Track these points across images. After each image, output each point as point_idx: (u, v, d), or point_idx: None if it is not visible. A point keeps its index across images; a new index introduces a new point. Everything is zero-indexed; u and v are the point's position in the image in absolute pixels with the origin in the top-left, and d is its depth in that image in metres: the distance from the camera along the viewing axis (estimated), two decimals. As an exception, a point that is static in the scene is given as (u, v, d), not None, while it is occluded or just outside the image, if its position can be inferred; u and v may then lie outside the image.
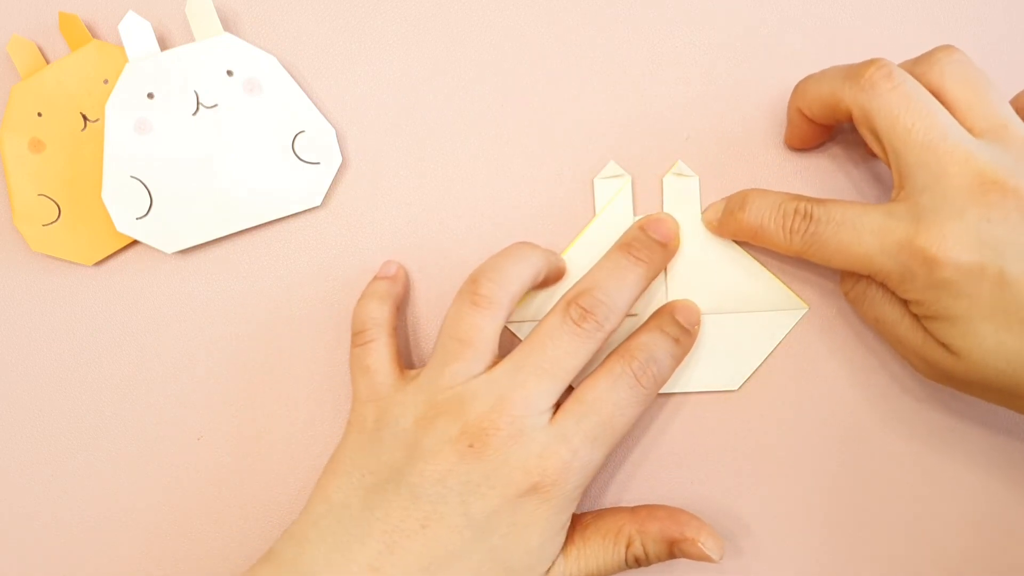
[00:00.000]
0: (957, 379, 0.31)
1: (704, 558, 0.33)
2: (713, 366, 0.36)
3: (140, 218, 0.36)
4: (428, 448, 0.31)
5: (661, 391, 0.35)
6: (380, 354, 0.34)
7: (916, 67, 0.32)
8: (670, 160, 0.37)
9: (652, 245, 0.34)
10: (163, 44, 0.37)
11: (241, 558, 0.37)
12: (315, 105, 0.37)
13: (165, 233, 0.36)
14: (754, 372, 0.36)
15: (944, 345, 0.31)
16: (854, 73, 0.32)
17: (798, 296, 0.36)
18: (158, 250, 0.37)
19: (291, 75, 0.37)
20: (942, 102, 0.31)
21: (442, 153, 0.37)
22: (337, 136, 0.37)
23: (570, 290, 0.33)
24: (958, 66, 0.31)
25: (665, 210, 0.37)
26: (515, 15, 0.37)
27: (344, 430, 0.34)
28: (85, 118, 0.37)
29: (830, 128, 0.35)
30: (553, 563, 0.32)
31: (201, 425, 0.37)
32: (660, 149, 0.37)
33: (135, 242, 0.37)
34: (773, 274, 0.36)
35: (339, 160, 0.37)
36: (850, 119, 0.32)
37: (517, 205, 0.37)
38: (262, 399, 0.37)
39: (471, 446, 0.31)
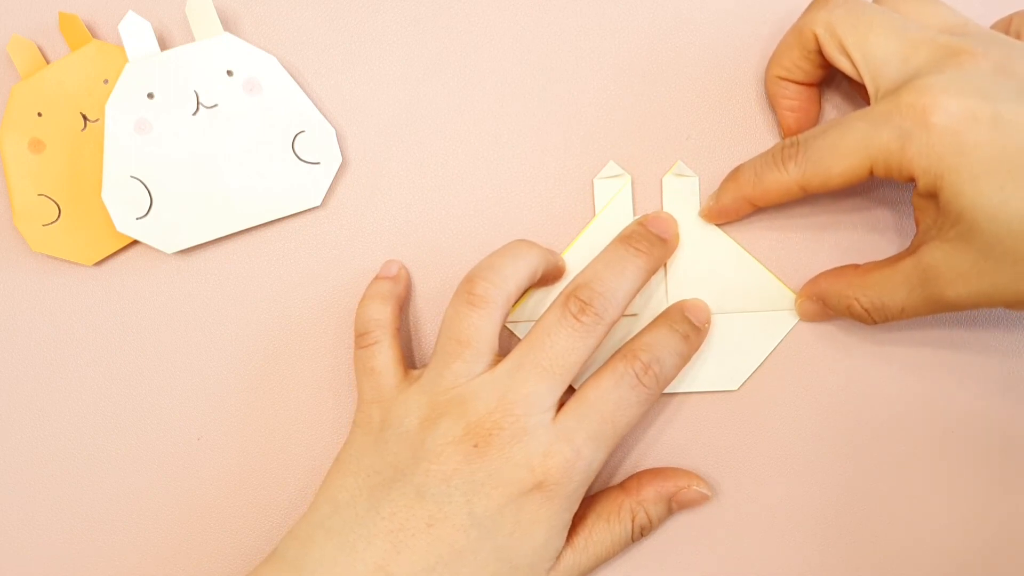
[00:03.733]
0: (984, 275, 0.29)
1: (700, 500, 0.35)
2: (713, 366, 0.36)
3: (140, 218, 0.36)
4: (432, 448, 0.31)
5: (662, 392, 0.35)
6: (384, 355, 0.34)
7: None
8: (670, 160, 0.37)
9: (651, 238, 0.34)
10: (163, 44, 0.37)
11: (241, 558, 0.37)
12: (315, 105, 0.37)
13: (165, 233, 0.36)
14: (754, 372, 0.36)
15: (956, 228, 0.29)
16: (811, 3, 0.33)
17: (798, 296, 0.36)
18: (158, 250, 0.37)
19: (291, 75, 0.37)
20: None
21: (442, 153, 0.37)
22: (337, 136, 0.37)
23: (569, 284, 0.33)
24: None
25: (665, 210, 0.37)
26: (515, 15, 0.37)
27: (349, 431, 0.34)
28: (85, 118, 0.37)
29: (813, 94, 0.35)
30: (560, 557, 0.32)
31: (201, 425, 0.37)
32: (660, 149, 0.37)
33: (135, 242, 0.37)
34: (774, 275, 0.36)
35: (339, 160, 0.37)
36: (820, 53, 0.32)
37: (517, 205, 0.37)
38: (262, 399, 0.37)
39: (475, 446, 0.31)
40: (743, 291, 0.36)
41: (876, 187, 0.37)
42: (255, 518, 0.37)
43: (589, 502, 0.34)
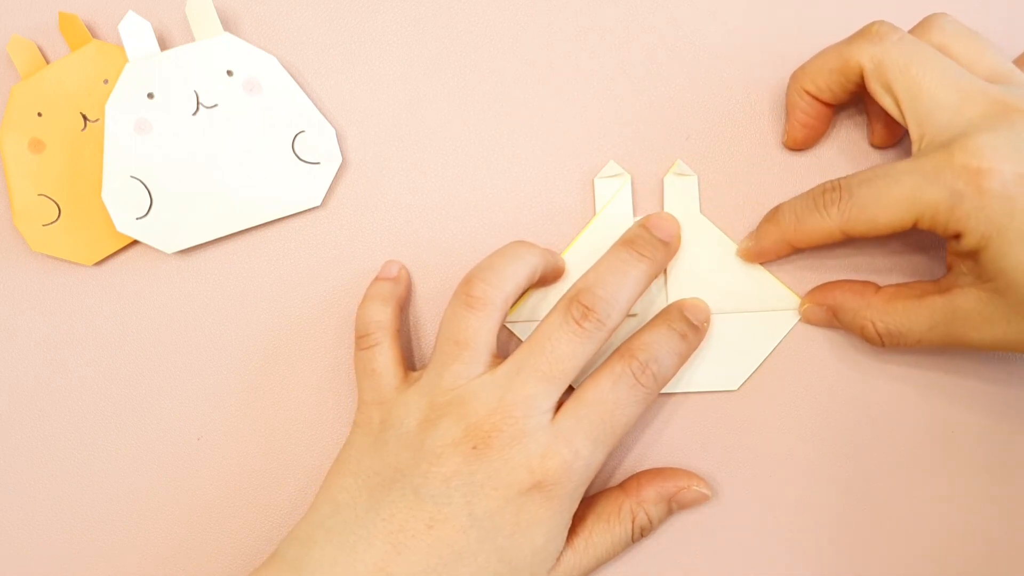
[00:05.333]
0: (1012, 327, 0.30)
1: (700, 500, 0.35)
2: (713, 366, 0.36)
3: (140, 218, 0.36)
4: (432, 450, 0.31)
5: (661, 391, 0.35)
6: (385, 357, 0.34)
7: (915, 32, 0.33)
8: (670, 160, 0.37)
9: (654, 242, 0.34)
10: (163, 44, 0.37)
11: (241, 558, 0.37)
12: (315, 105, 0.37)
13: (165, 233, 0.36)
14: (754, 372, 0.36)
15: (992, 284, 0.29)
16: (860, 32, 0.32)
17: (798, 296, 0.36)
18: (158, 250, 0.37)
19: (291, 75, 0.37)
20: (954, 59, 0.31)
21: (442, 153, 0.37)
22: (337, 136, 0.37)
23: (571, 288, 0.33)
24: (956, 27, 0.32)
25: (665, 209, 0.37)
26: (515, 15, 0.37)
27: (349, 431, 0.34)
28: (85, 118, 0.37)
29: (830, 115, 0.35)
30: (560, 558, 0.32)
31: (201, 425, 0.37)
32: (660, 149, 0.37)
33: (135, 242, 0.37)
34: (773, 274, 0.36)
35: (339, 160, 0.37)
36: (860, 83, 0.32)
37: (517, 205, 0.37)
38: (262, 399, 0.37)
39: (475, 447, 0.31)
40: (743, 291, 0.36)
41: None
42: (255, 518, 0.37)
43: (589, 503, 0.34)
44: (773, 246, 0.35)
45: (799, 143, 0.36)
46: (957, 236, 0.30)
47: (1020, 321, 0.30)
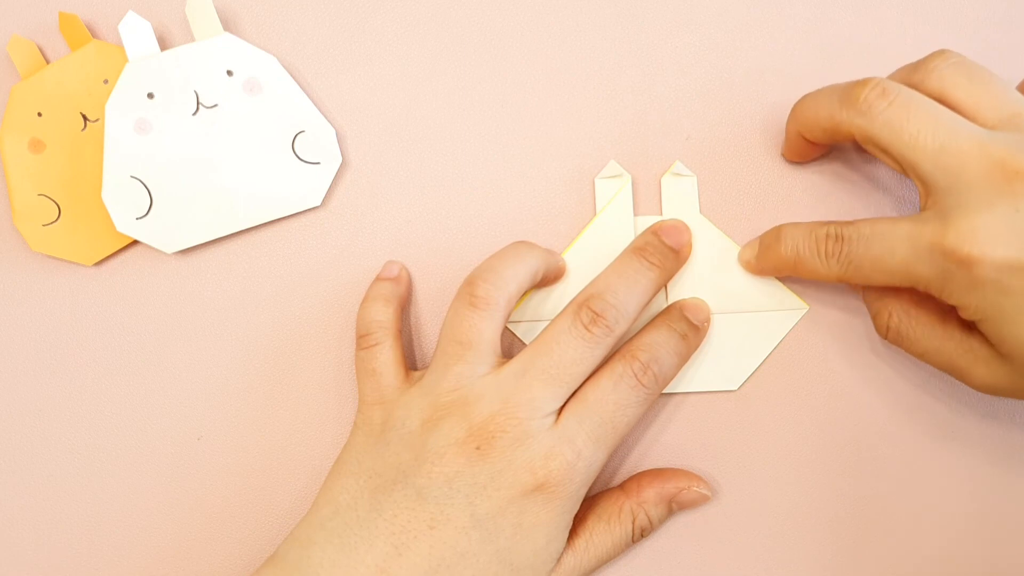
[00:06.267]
0: (1012, 385, 0.30)
1: (700, 500, 0.35)
2: (713, 366, 0.36)
3: (140, 218, 0.36)
4: (434, 450, 0.31)
5: (662, 391, 0.35)
6: (386, 357, 0.34)
7: (913, 75, 0.32)
8: (670, 160, 0.37)
9: (665, 251, 0.34)
10: (163, 44, 0.37)
11: (241, 559, 0.37)
12: (315, 105, 0.37)
13: (165, 233, 0.36)
14: (754, 372, 0.36)
15: (997, 349, 0.30)
16: (849, 97, 0.31)
17: (798, 296, 0.36)
18: (158, 250, 0.37)
19: (291, 75, 0.37)
20: (947, 106, 0.30)
21: (442, 153, 0.37)
22: (337, 136, 0.37)
23: (581, 293, 0.33)
24: (956, 68, 0.31)
25: (664, 210, 0.37)
26: (515, 15, 0.37)
27: (350, 432, 0.34)
28: (85, 118, 0.37)
29: (829, 146, 0.35)
30: (561, 559, 0.32)
31: (201, 425, 0.37)
32: (660, 149, 0.37)
33: (135, 242, 0.37)
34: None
35: (339, 160, 0.37)
36: (853, 141, 0.32)
37: (517, 205, 0.37)
38: (263, 399, 0.37)
39: (478, 448, 0.31)
40: (743, 291, 0.36)
41: (884, 194, 0.37)
42: (255, 519, 0.37)
43: (589, 504, 0.34)
44: (773, 270, 0.35)
45: (796, 162, 0.36)
46: (954, 307, 0.30)
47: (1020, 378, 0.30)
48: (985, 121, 0.30)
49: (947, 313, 0.32)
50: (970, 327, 0.31)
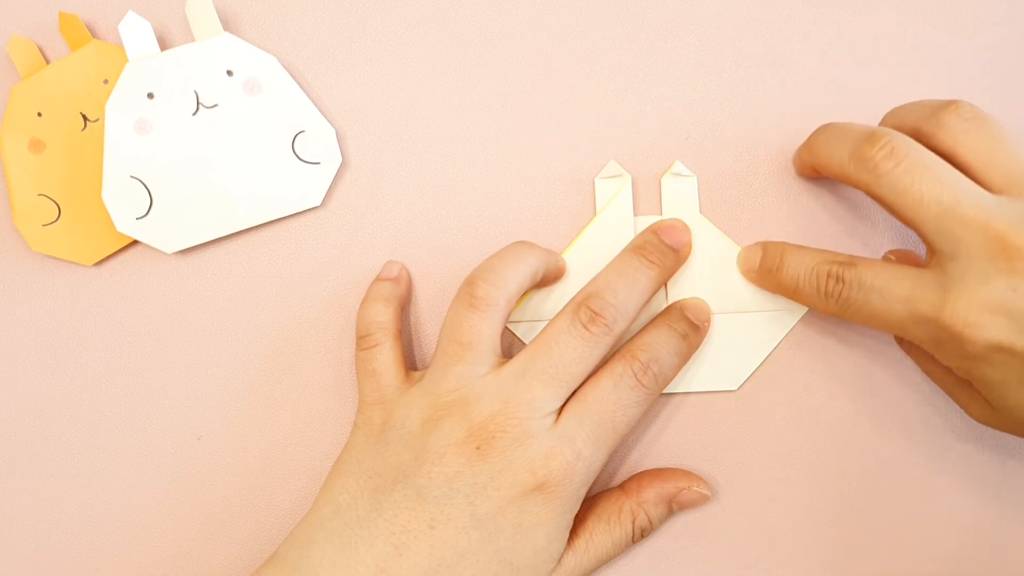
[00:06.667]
0: (1002, 427, 0.31)
1: (700, 500, 0.35)
2: (713, 366, 0.36)
3: (140, 218, 0.36)
4: (434, 450, 0.31)
5: (662, 391, 0.35)
6: (385, 357, 0.34)
7: (925, 126, 0.31)
8: (670, 160, 0.37)
9: (664, 249, 0.34)
10: (163, 44, 0.37)
11: (241, 559, 0.37)
12: (315, 105, 0.37)
13: (165, 233, 0.36)
14: (754, 372, 0.36)
15: (990, 397, 0.31)
16: (858, 154, 0.31)
17: (798, 296, 0.36)
18: (158, 250, 0.37)
19: (291, 75, 0.37)
20: (956, 164, 0.30)
21: (442, 153, 0.37)
22: (337, 136, 0.37)
23: (580, 292, 0.33)
24: (968, 125, 0.31)
25: (664, 210, 0.37)
26: (515, 15, 0.37)
27: (350, 432, 0.34)
28: (85, 118, 0.37)
29: None
30: (561, 560, 0.32)
31: (201, 425, 0.37)
32: (660, 149, 0.37)
33: (135, 242, 0.37)
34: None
35: (339, 160, 0.37)
36: None
37: (517, 205, 0.37)
38: (263, 399, 0.37)
39: (478, 448, 0.31)
40: (743, 291, 0.36)
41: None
42: (255, 519, 0.37)
43: (589, 504, 0.34)
44: (771, 290, 0.35)
45: (808, 176, 0.36)
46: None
47: (1017, 426, 0.31)
48: (992, 183, 0.30)
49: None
50: (964, 371, 0.31)
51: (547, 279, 0.36)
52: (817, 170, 0.34)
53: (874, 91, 0.37)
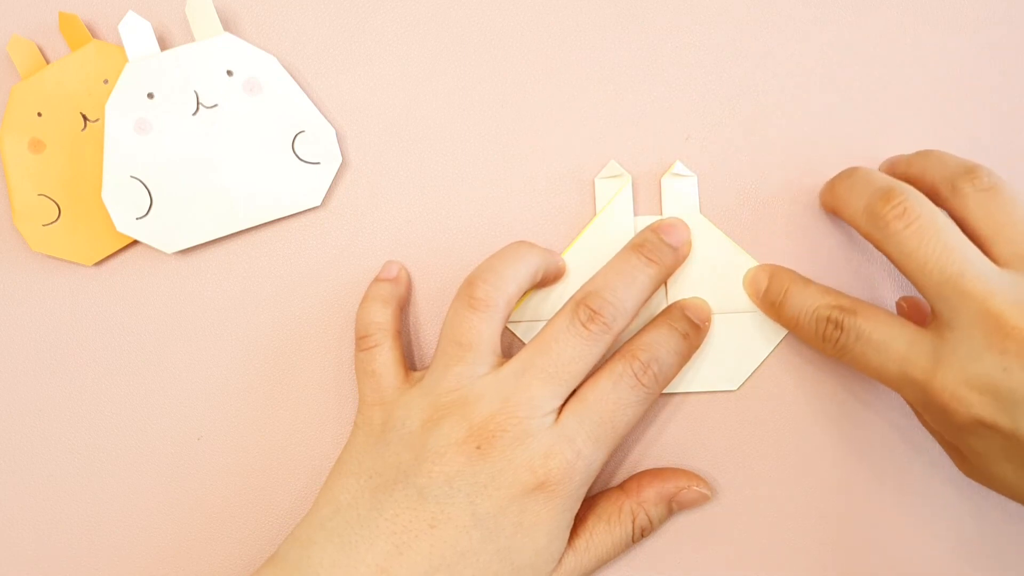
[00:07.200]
0: (987, 486, 0.32)
1: (700, 500, 0.35)
2: (713, 366, 0.36)
3: (140, 218, 0.36)
4: (435, 449, 0.31)
5: (662, 391, 0.35)
6: (385, 358, 0.34)
7: (942, 188, 0.32)
8: (670, 160, 0.37)
9: (663, 247, 0.34)
10: (163, 44, 0.37)
11: (242, 559, 0.37)
12: (315, 105, 0.37)
13: (165, 233, 0.36)
14: (754, 372, 0.36)
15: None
16: (871, 210, 0.31)
17: (798, 296, 0.36)
18: (158, 250, 0.37)
19: (291, 75, 0.37)
20: (966, 228, 0.31)
21: (442, 153, 0.37)
22: (337, 136, 0.37)
23: (579, 290, 0.33)
24: (982, 194, 0.31)
25: (664, 210, 0.37)
26: (515, 15, 0.37)
27: (350, 432, 0.34)
28: (85, 118, 0.37)
29: None
30: (561, 560, 0.33)
31: (201, 425, 0.37)
32: (660, 149, 0.37)
33: (135, 242, 0.37)
34: (773, 274, 0.36)
35: (339, 160, 0.37)
36: None
37: (517, 205, 0.37)
38: (263, 399, 0.37)
39: (478, 447, 0.31)
40: (743, 291, 0.36)
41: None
42: (255, 519, 0.37)
43: (589, 504, 0.34)
44: (773, 319, 0.35)
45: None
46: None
47: (992, 485, 0.31)
48: (1000, 256, 0.30)
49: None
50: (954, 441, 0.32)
51: (547, 279, 0.36)
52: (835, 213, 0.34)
53: (874, 91, 0.37)
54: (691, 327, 0.35)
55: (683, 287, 0.36)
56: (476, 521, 0.31)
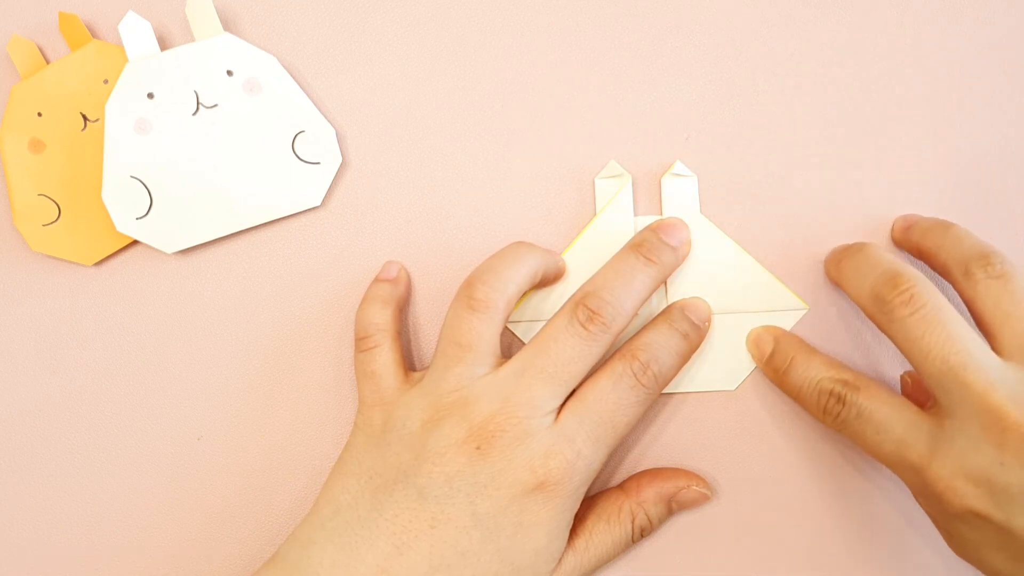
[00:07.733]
0: (976, 567, 0.31)
1: (700, 500, 0.35)
2: (712, 366, 0.36)
3: (140, 218, 0.36)
4: (435, 450, 0.31)
5: (662, 391, 0.35)
6: (385, 359, 0.34)
7: (953, 271, 0.32)
8: (670, 160, 0.37)
9: (663, 247, 0.34)
10: (163, 44, 0.37)
11: (242, 559, 0.37)
12: (315, 105, 0.37)
13: (165, 233, 0.36)
14: (752, 372, 0.36)
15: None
16: (877, 294, 0.31)
17: (798, 296, 0.36)
18: (158, 250, 0.37)
19: (291, 75, 0.37)
20: (975, 315, 0.31)
21: (442, 153, 0.37)
22: (337, 136, 0.37)
23: (578, 290, 0.33)
24: (992, 282, 0.31)
25: (664, 210, 0.37)
26: (515, 15, 0.37)
27: (350, 433, 0.34)
28: (85, 118, 0.37)
29: None
30: (561, 560, 0.33)
31: (201, 425, 0.37)
32: (660, 149, 0.37)
33: (135, 242, 0.37)
34: (773, 274, 0.36)
35: (339, 160, 0.37)
36: None
37: (517, 205, 0.37)
38: (263, 399, 0.37)
39: (478, 448, 0.31)
40: (743, 291, 0.36)
41: (876, 196, 0.37)
42: (255, 519, 0.37)
43: (589, 503, 0.34)
44: (776, 384, 0.35)
45: None
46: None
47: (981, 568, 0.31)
48: (1003, 346, 0.30)
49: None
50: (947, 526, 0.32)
51: (547, 279, 0.36)
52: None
53: (874, 91, 0.37)
54: (691, 327, 0.35)
55: (683, 287, 0.36)
56: (476, 521, 0.31)
